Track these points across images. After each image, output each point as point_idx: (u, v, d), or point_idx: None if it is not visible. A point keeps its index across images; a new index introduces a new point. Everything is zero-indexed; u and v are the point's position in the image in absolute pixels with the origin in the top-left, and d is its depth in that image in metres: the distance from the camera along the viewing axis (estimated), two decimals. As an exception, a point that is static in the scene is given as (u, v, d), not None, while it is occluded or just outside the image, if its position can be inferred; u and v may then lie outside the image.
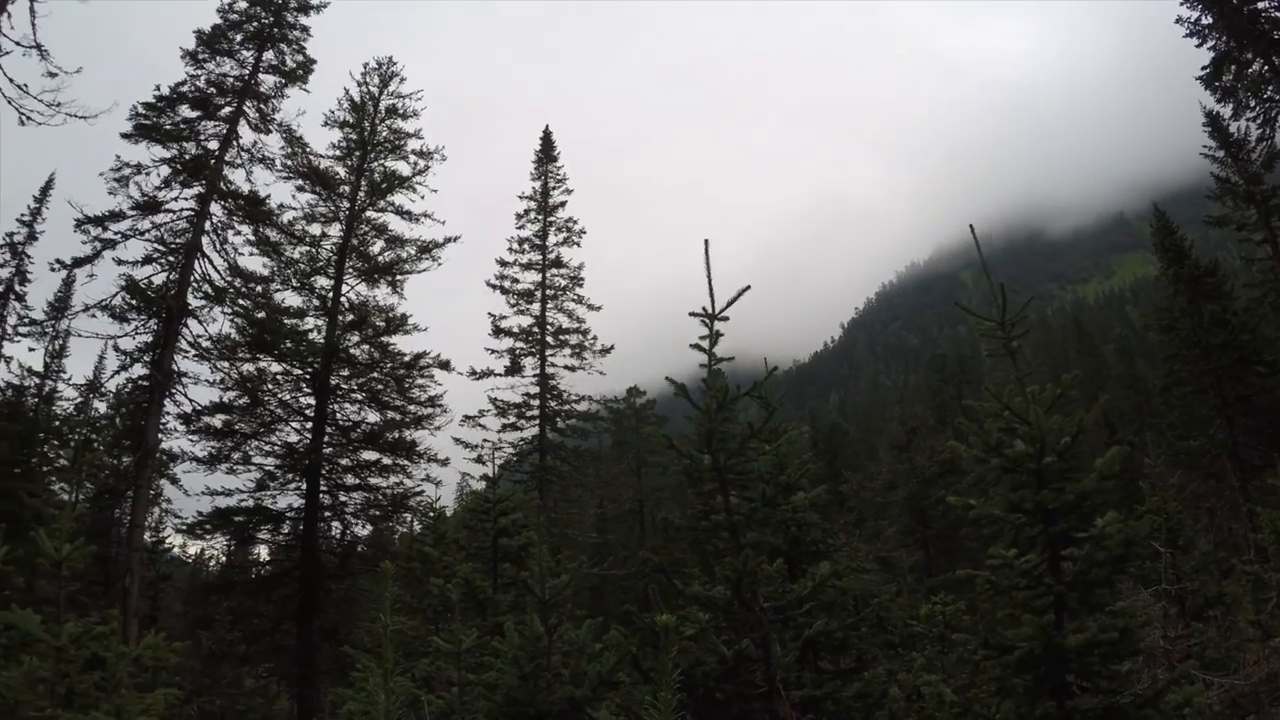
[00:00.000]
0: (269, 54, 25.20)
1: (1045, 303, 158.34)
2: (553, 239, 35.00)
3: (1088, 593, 5.18)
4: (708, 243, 6.92)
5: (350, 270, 27.88)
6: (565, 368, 33.93)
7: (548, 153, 35.92)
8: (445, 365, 27.87)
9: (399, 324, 27.42)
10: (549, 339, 33.95)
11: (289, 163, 25.85)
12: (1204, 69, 24.78)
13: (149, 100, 23.34)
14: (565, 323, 34.35)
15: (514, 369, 33.45)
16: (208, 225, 23.31)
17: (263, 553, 30.62)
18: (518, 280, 34.52)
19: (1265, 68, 23.92)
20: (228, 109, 24.39)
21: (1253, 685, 7.88)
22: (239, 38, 24.89)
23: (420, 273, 28.78)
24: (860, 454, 59.13)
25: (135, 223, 22.55)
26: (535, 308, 34.25)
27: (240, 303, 24.08)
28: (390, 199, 29.05)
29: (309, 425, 26.06)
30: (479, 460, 31.77)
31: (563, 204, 35.42)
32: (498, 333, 33.84)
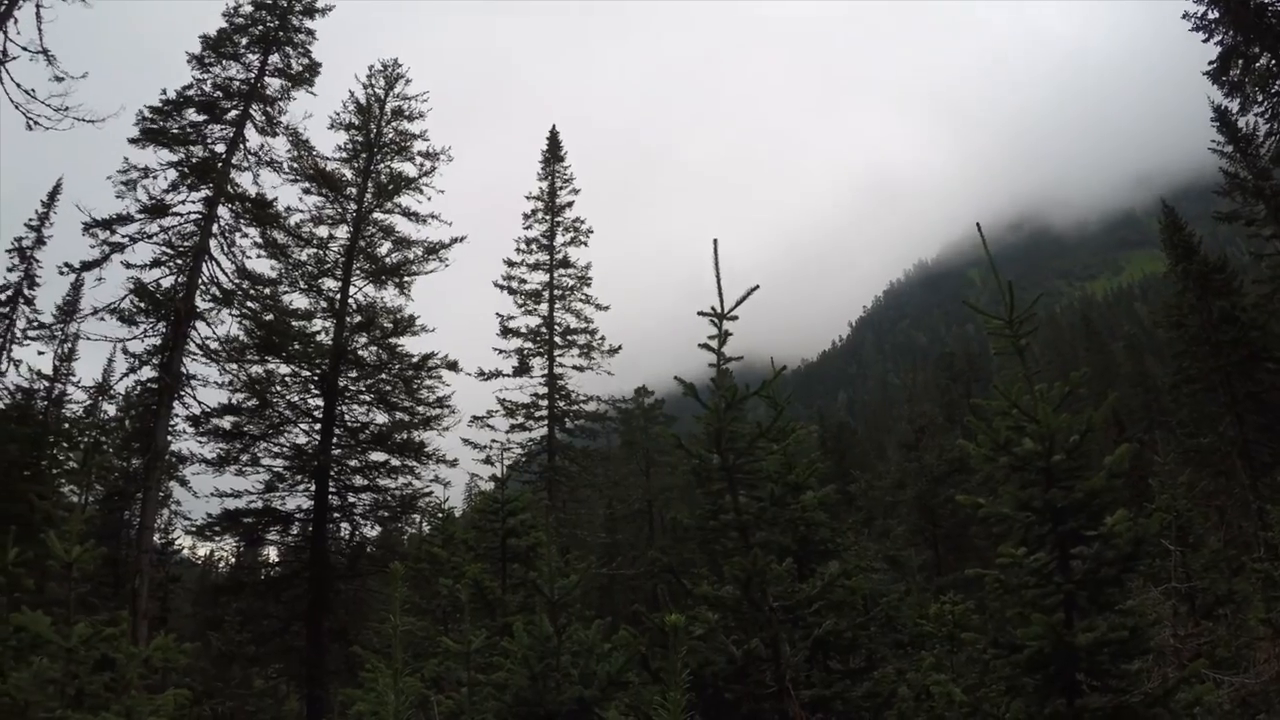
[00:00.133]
0: (274, 57, 25.24)
1: (1053, 300, 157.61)
2: (560, 239, 35.01)
3: (1097, 591, 5.16)
4: (716, 242, 6.92)
5: (358, 272, 27.93)
6: (573, 368, 33.95)
7: (555, 152, 35.85)
8: (453, 366, 27.90)
9: (407, 325, 27.48)
10: (557, 339, 33.95)
11: (295, 165, 25.91)
12: (1211, 64, 24.60)
13: (155, 104, 23.40)
14: (573, 323, 34.38)
15: (522, 369, 33.43)
16: (215, 228, 23.39)
17: (272, 554, 30.68)
18: (525, 280, 34.54)
19: (1273, 62, 23.75)
20: (234, 112, 24.42)
21: (1263, 684, 7.83)
22: (244, 41, 24.92)
23: (428, 274, 28.85)
24: (869, 453, 58.97)
25: (143, 226, 22.66)
26: (543, 308, 34.25)
27: (248, 305, 24.16)
28: (397, 200, 29.12)
29: (317, 427, 26.13)
30: (487, 461, 31.80)
31: (570, 204, 35.40)
32: (505, 333, 33.82)
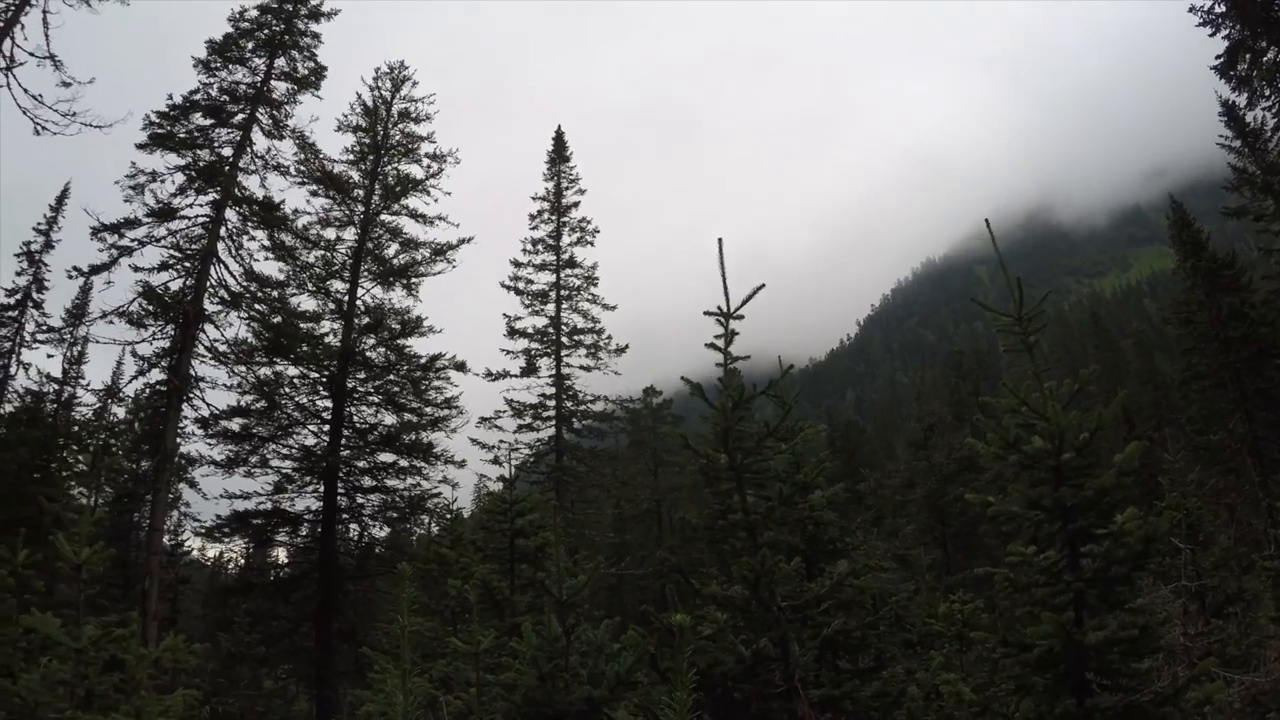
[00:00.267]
0: (280, 61, 25.35)
1: (1062, 297, 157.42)
2: (566, 239, 35.02)
3: (1107, 590, 5.13)
4: (721, 242, 6.90)
5: (365, 274, 28.03)
6: (581, 368, 33.93)
7: (560, 153, 35.84)
8: (461, 367, 27.97)
9: (414, 326, 27.56)
10: (564, 339, 33.94)
11: (302, 168, 25.99)
12: (1218, 58, 24.49)
13: (162, 109, 23.52)
14: (580, 323, 34.38)
15: (529, 370, 33.46)
16: (223, 231, 23.47)
17: (281, 555, 30.83)
18: (532, 281, 34.55)
19: (1280, 56, 23.66)
20: (241, 116, 24.53)
21: (1274, 682, 7.78)
22: (250, 45, 25.03)
23: (435, 275, 28.95)
24: (877, 452, 58.88)
25: (151, 230, 22.75)
26: (550, 308, 34.26)
27: (256, 307, 24.25)
28: (404, 202, 29.24)
29: (326, 428, 26.24)
30: (495, 461, 31.85)
31: (576, 204, 35.41)
32: (513, 334, 33.84)
